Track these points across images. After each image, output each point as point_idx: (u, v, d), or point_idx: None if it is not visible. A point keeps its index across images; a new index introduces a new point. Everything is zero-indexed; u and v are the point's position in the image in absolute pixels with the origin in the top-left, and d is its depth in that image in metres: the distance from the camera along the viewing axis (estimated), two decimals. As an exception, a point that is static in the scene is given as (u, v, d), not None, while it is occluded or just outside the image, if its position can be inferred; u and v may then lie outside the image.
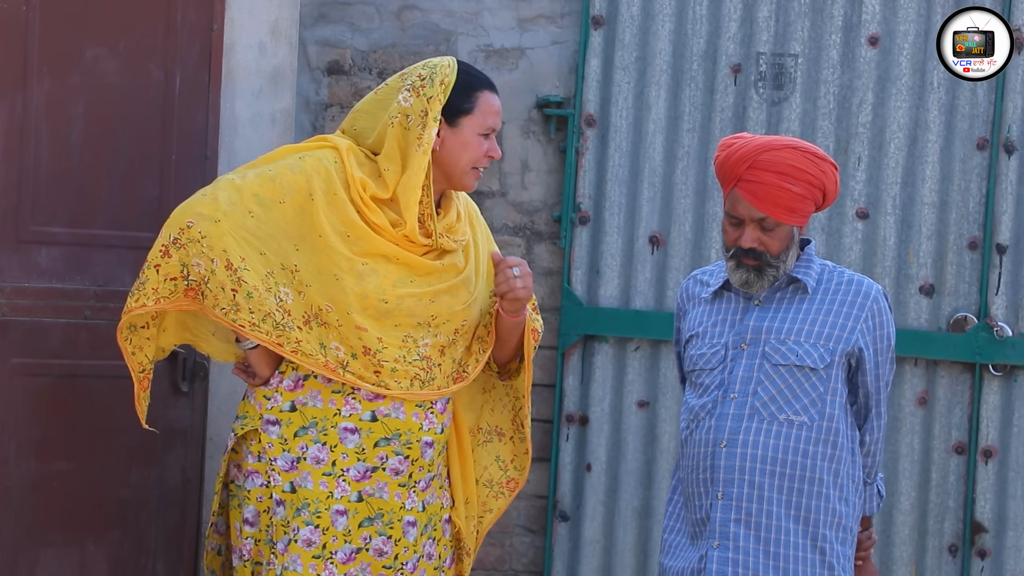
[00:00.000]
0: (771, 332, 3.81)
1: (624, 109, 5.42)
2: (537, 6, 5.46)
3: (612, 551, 5.46)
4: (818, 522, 3.78)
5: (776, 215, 3.76)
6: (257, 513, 3.89)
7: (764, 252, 3.79)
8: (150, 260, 3.82)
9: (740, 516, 3.78)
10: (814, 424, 3.78)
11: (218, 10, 4.46)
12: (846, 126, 5.39)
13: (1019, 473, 5.39)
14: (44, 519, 4.23)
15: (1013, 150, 5.35)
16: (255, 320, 3.79)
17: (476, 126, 3.88)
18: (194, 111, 4.43)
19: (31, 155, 4.16)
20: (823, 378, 3.79)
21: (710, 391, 3.85)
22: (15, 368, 4.14)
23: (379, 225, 3.84)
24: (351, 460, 3.85)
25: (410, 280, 3.86)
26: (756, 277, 3.81)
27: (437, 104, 3.84)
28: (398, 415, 3.87)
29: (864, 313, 3.81)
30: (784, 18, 5.40)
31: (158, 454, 4.41)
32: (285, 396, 3.87)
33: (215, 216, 3.79)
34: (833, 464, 3.79)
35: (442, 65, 3.88)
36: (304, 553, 3.82)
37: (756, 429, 3.78)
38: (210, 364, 4.44)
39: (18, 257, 4.16)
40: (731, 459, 3.79)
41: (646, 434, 5.45)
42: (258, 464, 3.88)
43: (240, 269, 3.78)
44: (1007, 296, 5.37)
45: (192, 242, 3.78)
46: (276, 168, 3.87)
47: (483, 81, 3.92)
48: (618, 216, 5.42)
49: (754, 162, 3.77)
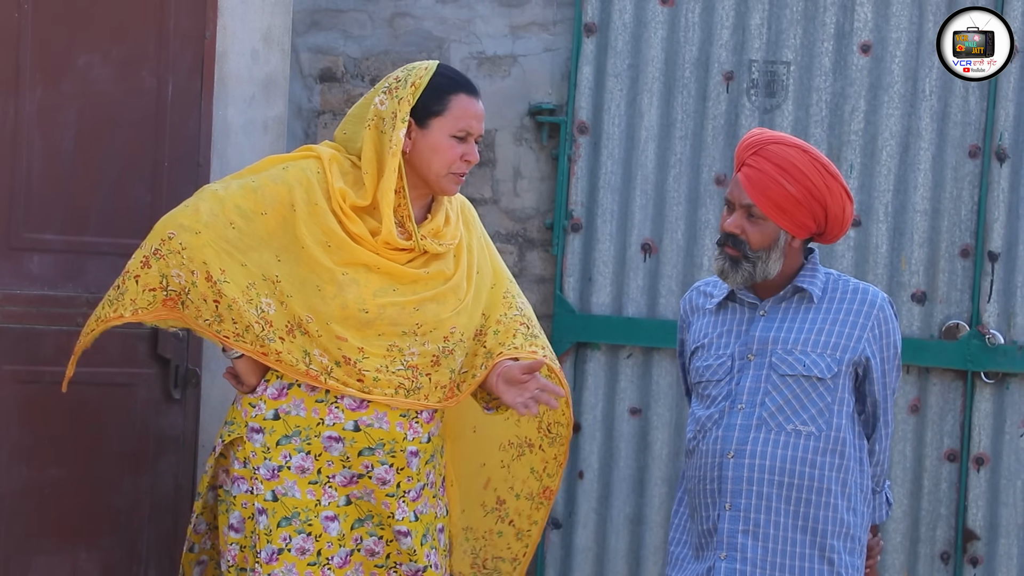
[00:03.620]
0: (777, 342, 3.80)
1: (616, 116, 5.42)
2: (529, 13, 5.46)
3: (604, 558, 5.46)
4: (826, 532, 3.76)
5: (763, 207, 3.75)
6: (242, 519, 3.89)
7: (744, 243, 3.77)
8: (129, 270, 3.82)
9: (748, 527, 3.77)
10: (822, 434, 3.77)
11: (210, 17, 4.46)
12: (838, 133, 5.39)
13: (1011, 481, 5.39)
14: (36, 526, 4.22)
15: (1005, 157, 5.36)
16: (239, 331, 3.80)
17: (447, 128, 3.84)
18: (186, 118, 4.43)
19: (23, 162, 4.16)
20: (830, 388, 3.77)
21: (717, 402, 3.84)
22: (7, 375, 4.13)
23: (358, 235, 3.83)
24: (336, 467, 3.85)
25: (392, 289, 3.85)
26: (731, 268, 3.79)
27: (406, 105, 3.82)
28: (381, 425, 3.86)
29: (870, 322, 3.80)
30: (776, 25, 5.40)
31: (150, 461, 4.40)
32: (269, 404, 3.87)
33: (196, 228, 3.80)
34: (841, 474, 3.77)
35: (420, 68, 3.87)
36: (299, 562, 3.82)
37: (764, 439, 3.77)
38: (202, 371, 4.43)
39: (10, 264, 4.16)
40: (739, 470, 3.78)
41: (638, 441, 5.45)
42: (244, 471, 3.88)
43: (220, 281, 3.78)
44: (999, 304, 5.37)
45: (172, 253, 3.79)
46: (259, 179, 3.86)
47: (461, 84, 3.87)
48: (610, 223, 5.42)
49: (760, 150, 3.77)
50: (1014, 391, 5.39)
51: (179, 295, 3.80)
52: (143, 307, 3.81)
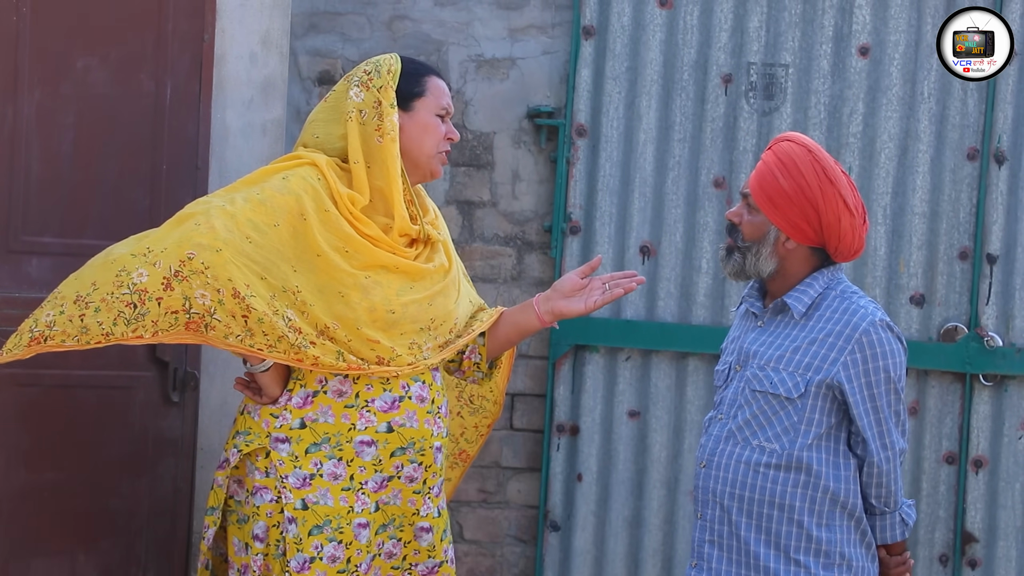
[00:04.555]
0: (756, 356, 3.80)
1: (615, 119, 5.42)
2: (528, 16, 5.46)
3: (603, 561, 5.46)
4: (790, 548, 3.74)
5: (757, 198, 3.76)
6: (267, 528, 3.88)
7: (738, 234, 3.80)
8: (150, 292, 3.72)
9: (713, 538, 3.80)
10: (784, 452, 3.74)
11: (209, 20, 4.46)
12: (837, 136, 5.39)
13: (1009, 483, 5.39)
14: (35, 529, 4.22)
15: (1003, 160, 5.36)
16: (271, 342, 3.77)
17: (431, 107, 3.93)
18: (185, 121, 4.43)
19: (22, 165, 4.16)
20: (798, 407, 3.74)
21: (714, 408, 3.89)
22: (6, 378, 4.13)
23: (374, 236, 3.86)
24: (368, 472, 3.86)
25: (410, 287, 3.89)
26: (726, 257, 3.83)
27: (389, 91, 3.89)
28: (412, 424, 3.88)
29: (850, 345, 3.71)
30: (775, 28, 5.40)
31: (149, 464, 4.40)
32: (294, 414, 3.86)
33: (216, 246, 3.74)
34: (808, 491, 3.74)
35: (386, 57, 3.95)
36: (330, 569, 3.82)
37: (730, 453, 3.78)
38: (201, 374, 4.43)
39: (8, 267, 4.16)
40: (707, 480, 3.81)
41: (637, 444, 5.44)
42: (267, 480, 3.86)
43: (247, 296, 3.74)
44: (997, 306, 5.37)
45: (195, 274, 3.72)
46: (264, 191, 3.84)
47: (429, 67, 4.01)
48: (609, 226, 5.42)
49: (773, 145, 3.81)
50: (1012, 393, 5.39)
51: (202, 317, 3.74)
52: (164, 329, 3.74)
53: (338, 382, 3.86)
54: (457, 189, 5.47)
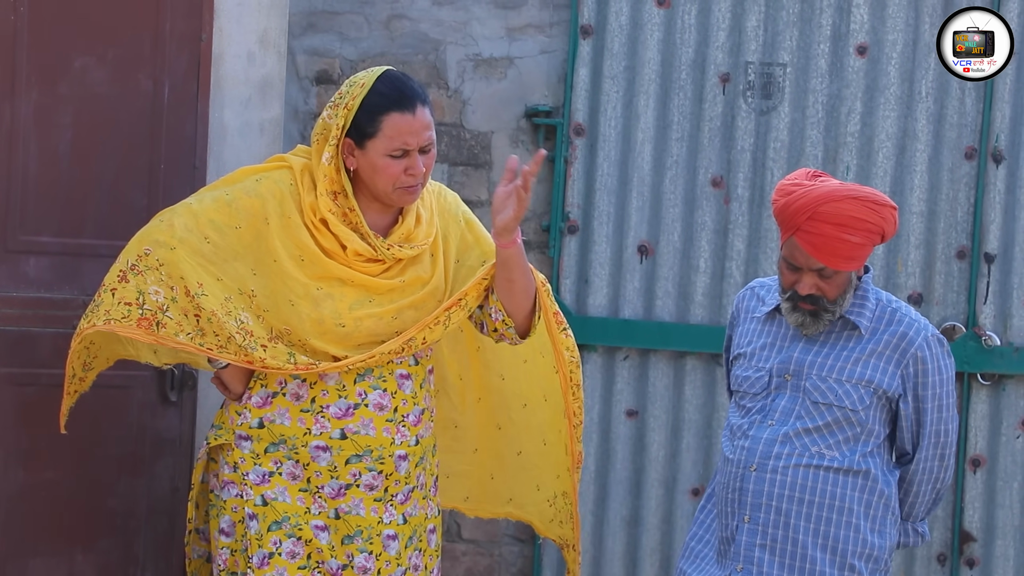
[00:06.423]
0: (814, 367, 3.82)
1: (613, 118, 5.42)
2: (526, 15, 5.46)
3: (601, 560, 5.46)
4: (847, 552, 3.77)
5: (835, 264, 3.75)
6: (233, 523, 3.89)
7: (821, 297, 3.79)
8: (106, 284, 3.80)
9: (765, 542, 3.79)
10: (845, 459, 3.78)
11: (207, 19, 4.46)
12: (834, 135, 5.39)
13: (1007, 482, 5.39)
14: (32, 529, 4.22)
15: (1001, 159, 5.36)
16: (221, 342, 3.78)
17: (382, 149, 3.79)
18: (182, 120, 4.43)
19: (19, 165, 4.16)
20: (861, 418, 3.80)
21: (751, 413, 3.88)
22: (3, 378, 4.13)
23: (330, 249, 3.83)
24: (325, 478, 3.85)
25: (369, 300, 3.85)
26: (812, 320, 3.82)
27: (336, 129, 3.80)
28: (367, 432, 3.86)
29: (906, 359, 3.81)
30: (772, 27, 5.40)
31: (147, 464, 4.40)
32: (254, 413, 3.87)
33: (171, 243, 3.79)
34: (864, 495, 3.78)
35: (356, 86, 3.82)
36: (290, 565, 3.82)
37: (787, 456, 3.79)
38: (199, 375, 4.43)
39: (6, 267, 4.16)
40: (760, 483, 3.80)
41: (635, 443, 5.44)
42: (233, 475, 3.88)
43: (197, 295, 3.77)
44: (995, 305, 5.37)
45: (150, 269, 3.78)
46: (233, 192, 3.85)
47: (394, 101, 3.79)
48: (607, 225, 5.42)
49: (813, 214, 3.74)
50: (1010, 393, 5.39)
51: (154, 314, 3.77)
52: (116, 319, 3.77)
53: (296, 386, 3.86)
54: (455, 188, 5.44)
